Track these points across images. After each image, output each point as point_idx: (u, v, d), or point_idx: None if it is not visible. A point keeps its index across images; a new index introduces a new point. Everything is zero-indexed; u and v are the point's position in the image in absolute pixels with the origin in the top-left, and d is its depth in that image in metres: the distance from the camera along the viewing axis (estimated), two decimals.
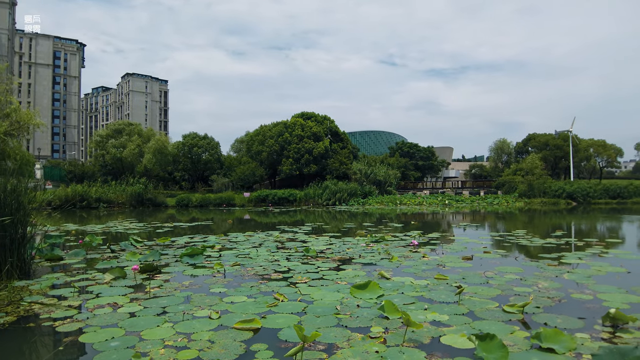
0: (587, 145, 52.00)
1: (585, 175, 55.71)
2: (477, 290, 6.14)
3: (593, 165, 54.63)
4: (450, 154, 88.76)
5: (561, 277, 7.04)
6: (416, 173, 58.01)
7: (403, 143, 64.19)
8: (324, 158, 48.98)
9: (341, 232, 15.16)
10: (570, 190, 38.40)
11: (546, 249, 10.54)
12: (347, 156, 51.17)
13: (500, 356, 3.60)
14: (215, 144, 52.84)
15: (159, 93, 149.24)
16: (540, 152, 49.73)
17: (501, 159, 59.12)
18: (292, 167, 47.63)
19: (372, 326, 4.59)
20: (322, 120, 53.14)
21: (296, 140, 48.00)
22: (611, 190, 38.65)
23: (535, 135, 55.44)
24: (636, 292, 5.97)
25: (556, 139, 51.76)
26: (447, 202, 38.50)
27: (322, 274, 7.47)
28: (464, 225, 19.04)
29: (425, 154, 60.03)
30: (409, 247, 10.79)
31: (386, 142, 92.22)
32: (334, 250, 10.46)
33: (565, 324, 4.65)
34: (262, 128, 52.53)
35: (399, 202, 38.72)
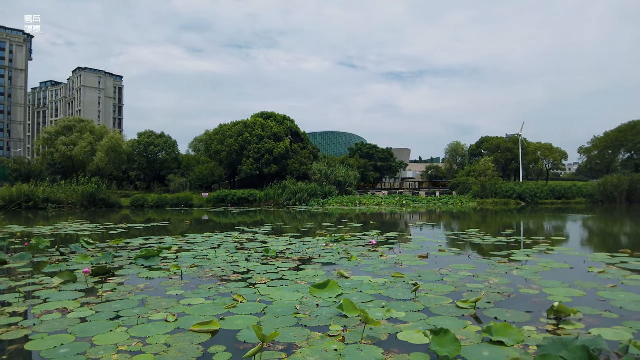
0: (535, 148, 54.80)
1: (533, 177, 58.69)
2: (433, 288, 6.34)
3: (541, 168, 57.63)
4: (408, 155, 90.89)
5: (511, 274, 7.39)
6: (375, 174, 58.96)
7: (362, 144, 65.09)
8: (285, 158, 48.86)
9: (301, 233, 15.19)
10: (519, 191, 40.32)
11: (497, 247, 11.02)
12: (307, 157, 51.28)
13: (453, 350, 3.74)
14: (172, 142, 51.50)
15: (113, 89, 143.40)
16: (492, 155, 51.87)
17: (456, 160, 61.21)
18: (253, 167, 47.19)
19: (332, 325, 4.64)
20: (282, 120, 52.99)
21: (256, 140, 47.60)
22: (556, 191, 40.91)
23: (488, 138, 57.76)
24: (578, 287, 6.37)
25: (507, 142, 54.16)
26: (404, 203, 39.39)
27: (282, 274, 7.46)
28: (421, 224, 19.56)
29: (384, 155, 61.13)
30: (367, 247, 10.97)
31: (346, 143, 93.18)
32: (294, 250, 10.47)
33: (514, 317, 4.89)
34: (222, 127, 51.69)
35: (359, 203, 39.23)
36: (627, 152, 50.84)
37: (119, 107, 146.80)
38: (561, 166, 61.46)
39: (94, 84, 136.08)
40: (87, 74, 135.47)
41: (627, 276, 7.10)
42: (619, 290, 6.11)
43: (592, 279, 6.91)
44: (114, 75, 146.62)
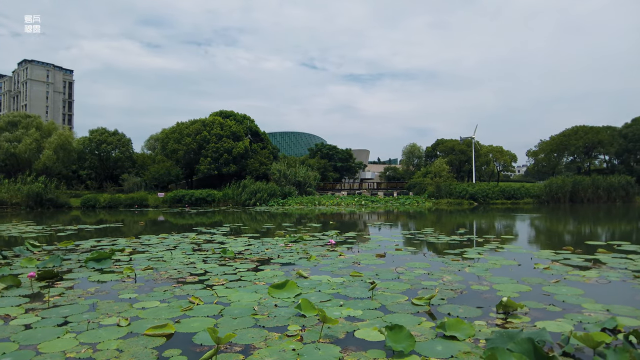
0: (487, 150, 57.08)
1: (485, 178, 61.11)
2: (389, 286, 6.48)
3: (492, 169, 60.11)
4: (367, 156, 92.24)
5: (463, 271, 7.68)
6: (335, 174, 59.40)
7: (322, 145, 65.42)
8: (244, 158, 48.28)
9: (260, 233, 15.08)
10: (472, 191, 41.89)
11: (451, 245, 11.40)
12: (267, 156, 50.92)
13: (408, 346, 3.85)
14: (126, 140, 49.59)
15: (63, 84, 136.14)
16: (447, 157, 53.58)
17: (412, 162, 62.74)
18: (211, 166, 46.29)
19: (290, 325, 4.65)
20: (242, 119, 52.33)
21: (215, 139, 46.75)
22: (506, 191, 42.81)
23: (443, 140, 59.63)
24: (525, 282, 6.71)
25: (461, 144, 56.15)
26: (363, 203, 39.95)
27: (240, 275, 7.39)
28: (379, 224, 19.92)
29: (343, 156, 61.71)
30: (326, 247, 11.05)
31: (306, 144, 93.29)
32: (253, 251, 10.38)
33: (466, 313, 5.08)
34: (179, 125, 50.34)
35: (318, 203, 39.41)
36: (570, 155, 53.97)
37: (69, 103, 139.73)
38: (511, 168, 64.33)
39: (41, 77, 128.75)
40: (34, 67, 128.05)
41: (570, 272, 7.55)
42: (562, 285, 6.49)
43: (538, 275, 7.30)
44: (64, 69, 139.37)
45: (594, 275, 7.23)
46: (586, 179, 41.95)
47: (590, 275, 7.18)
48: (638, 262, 8.38)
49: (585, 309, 5.21)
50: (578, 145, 50.25)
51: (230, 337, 3.81)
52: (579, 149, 50.72)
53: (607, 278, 7.00)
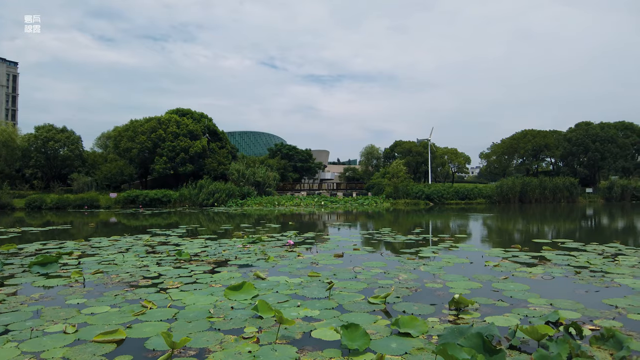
0: (442, 152, 58.90)
1: (441, 179, 63.01)
2: (347, 285, 6.55)
3: (447, 171, 62.09)
4: (327, 157, 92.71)
5: (418, 269, 7.89)
6: (294, 174, 59.31)
7: (282, 145, 65.15)
8: (201, 157, 47.27)
9: (217, 234, 14.83)
10: (428, 192, 43.09)
11: (407, 245, 11.67)
12: (225, 156, 50.10)
13: (363, 344, 3.91)
14: (76, 138, 47.26)
15: (7, 76, 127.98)
16: (404, 158, 54.80)
17: (371, 163, 63.69)
18: (166, 166, 44.98)
19: (246, 327, 4.61)
20: (199, 118, 51.21)
21: (171, 138, 45.48)
22: (460, 192, 44.36)
23: (400, 142, 60.95)
24: (476, 279, 6.98)
25: (418, 146, 57.61)
26: (322, 203, 40.16)
27: (196, 277, 7.24)
28: (338, 224, 20.09)
29: (303, 156, 61.74)
30: (285, 247, 11.02)
31: (266, 144, 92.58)
32: (209, 252, 10.19)
33: (420, 310, 5.22)
34: (133, 123, 48.55)
35: (278, 203, 39.23)
36: (520, 157, 56.61)
37: (13, 97, 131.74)
38: (465, 169, 66.74)
39: None
40: None
41: (517, 269, 7.92)
42: (510, 281, 6.80)
43: (488, 272, 7.62)
44: (7, 61, 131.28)
45: (539, 271, 7.63)
46: (534, 180, 44.18)
47: (536, 272, 7.57)
48: (579, 259, 8.91)
49: (531, 304, 5.49)
50: (527, 148, 52.80)
51: (185, 342, 3.73)
52: (527, 151, 53.29)
53: (552, 274, 7.40)
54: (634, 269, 7.74)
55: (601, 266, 8.08)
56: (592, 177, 51.87)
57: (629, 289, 6.29)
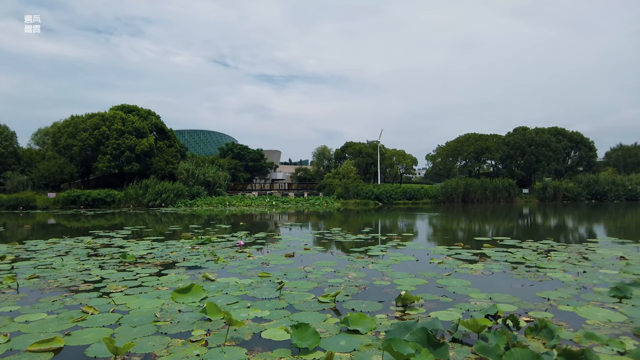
0: (391, 154, 60.39)
1: (389, 180, 64.62)
2: (297, 285, 6.58)
3: (396, 172, 63.73)
4: (279, 157, 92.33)
5: (367, 268, 8.06)
6: (246, 174, 58.58)
7: (233, 144, 64.15)
8: (148, 156, 45.51)
9: (165, 236, 14.37)
10: (377, 192, 44.06)
11: (357, 243, 11.89)
12: (174, 155, 48.54)
13: (313, 342, 3.96)
14: (10, 134, 43.98)
15: None
16: (355, 159, 55.72)
17: (323, 163, 64.19)
18: (111, 164, 42.88)
19: (194, 330, 4.52)
20: (146, 115, 49.28)
21: (116, 135, 43.43)
22: (408, 192, 45.73)
23: (351, 143, 61.90)
24: (421, 276, 7.24)
25: (368, 147, 58.75)
26: (274, 203, 39.95)
27: (141, 280, 6.99)
28: (289, 224, 20.08)
29: (255, 156, 61.12)
30: (235, 248, 10.88)
31: (216, 143, 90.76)
32: (156, 254, 9.87)
33: (368, 307, 5.35)
34: (74, 119, 45.83)
35: (228, 204, 38.57)
36: (463, 159, 59.17)
37: None
38: (412, 171, 68.77)
39: None
40: None
41: (460, 265, 8.30)
42: (453, 278, 7.11)
43: (433, 269, 7.92)
44: None
45: (480, 267, 8.04)
46: (476, 181, 46.35)
47: (477, 268, 7.97)
48: (516, 255, 9.47)
49: (472, 298, 5.77)
50: (469, 151, 55.32)
51: (129, 347, 3.60)
52: (470, 154, 55.84)
53: (491, 270, 7.82)
54: (564, 264, 8.34)
55: (535, 262, 8.64)
56: (528, 178, 55.21)
57: (559, 282, 6.78)
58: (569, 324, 4.69)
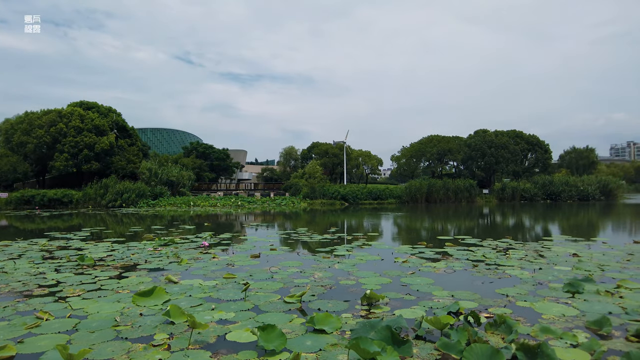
0: (357, 155, 60.97)
1: (355, 180, 65.23)
2: (263, 286, 6.53)
3: (361, 172, 64.39)
4: (245, 156, 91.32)
5: (333, 267, 8.10)
6: (211, 174, 57.59)
7: (198, 144, 62.93)
8: (109, 155, 43.93)
9: (126, 237, 13.92)
10: (343, 192, 44.39)
11: (323, 243, 11.93)
12: (136, 154, 47.09)
13: (279, 344, 3.94)
14: None
15: None
16: (321, 159, 55.92)
17: (289, 163, 64.06)
18: (68, 163, 41.09)
19: (156, 333, 4.40)
20: (107, 112, 47.55)
21: (73, 133, 41.66)
22: (373, 193, 46.32)
23: (318, 144, 62.08)
24: (386, 275, 7.34)
25: (334, 148, 59.10)
26: (240, 204, 39.49)
27: (101, 284, 6.74)
28: (255, 225, 19.90)
29: (220, 155, 60.20)
30: (199, 249, 10.68)
31: (180, 142, 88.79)
32: (116, 257, 9.55)
33: (334, 307, 5.37)
34: (29, 115, 43.62)
35: (193, 204, 37.83)
36: (427, 160, 60.51)
37: None
38: (378, 171, 69.73)
39: None
40: None
41: (423, 264, 8.47)
42: (417, 276, 7.25)
43: (397, 268, 8.06)
44: None
45: (442, 266, 8.24)
46: (439, 182, 47.50)
47: (439, 266, 8.16)
48: (477, 253, 9.77)
49: (435, 296, 5.91)
50: (433, 152, 56.63)
51: (85, 353, 3.47)
52: (433, 155, 57.16)
53: (453, 268, 8.04)
54: (522, 262, 8.68)
55: (495, 259, 8.94)
56: (488, 179, 57.08)
57: (517, 279, 7.04)
58: (526, 319, 4.88)
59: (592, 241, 12.27)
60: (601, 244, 11.62)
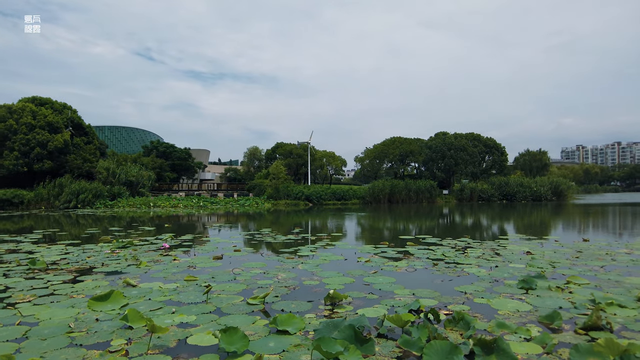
0: (321, 155, 61.28)
1: (319, 181, 65.49)
2: (225, 287, 6.44)
3: (325, 173, 64.76)
4: (207, 156, 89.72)
5: (297, 268, 8.10)
6: (172, 174, 56.27)
7: (159, 143, 61.30)
8: (63, 153, 42.02)
9: (82, 239, 13.37)
10: (307, 193, 44.48)
11: (287, 244, 11.90)
12: (92, 153, 45.28)
13: (242, 346, 3.90)
14: None
15: None
16: (285, 159, 55.80)
17: (253, 164, 63.57)
18: (19, 162, 38.97)
19: (113, 339, 4.25)
20: (61, 109, 45.45)
21: (25, 130, 39.57)
22: (337, 193, 46.69)
23: (282, 144, 61.89)
24: (349, 275, 7.41)
25: (298, 148, 59.10)
26: (202, 204, 38.77)
27: (54, 288, 6.44)
28: (218, 226, 19.60)
29: (182, 155, 58.91)
30: (160, 251, 10.41)
31: (140, 141, 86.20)
32: (71, 260, 9.15)
33: (297, 307, 5.37)
34: None
35: (153, 205, 36.80)
36: (389, 162, 61.58)
37: None
38: (342, 172, 70.37)
39: None
40: None
41: (385, 263, 8.62)
42: (379, 275, 7.37)
43: (360, 267, 8.15)
44: None
45: (404, 265, 8.41)
46: (401, 183, 48.45)
47: (401, 265, 8.32)
48: (437, 252, 10.04)
49: (397, 295, 6.02)
50: (395, 154, 57.70)
51: None
52: (395, 156, 58.24)
53: (414, 267, 8.21)
54: (479, 260, 8.99)
55: (454, 258, 9.22)
56: (448, 180, 58.73)
57: (475, 276, 7.29)
58: (483, 315, 5.06)
59: (545, 239, 12.87)
60: (553, 242, 12.21)
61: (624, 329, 4.57)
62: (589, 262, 8.61)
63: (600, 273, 7.50)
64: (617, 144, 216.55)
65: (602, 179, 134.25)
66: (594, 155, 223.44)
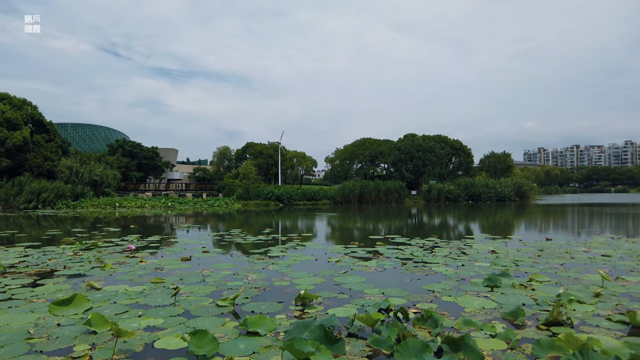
0: (292, 155, 61.15)
1: (290, 181, 65.33)
2: (194, 290, 6.33)
3: (296, 173, 64.65)
4: (175, 155, 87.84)
5: (267, 269, 8.05)
6: (138, 174, 54.78)
7: (125, 141, 59.53)
8: (23, 151, 40.20)
9: (42, 241, 12.83)
10: (278, 193, 44.29)
11: (257, 245, 11.81)
12: (54, 151, 43.53)
13: (211, 349, 3.84)
14: None
15: None
16: (256, 160, 55.38)
17: (223, 163, 62.72)
18: None
19: (76, 344, 4.10)
20: (20, 104, 43.48)
21: None
22: (308, 193, 46.73)
23: (252, 144, 61.38)
24: (320, 275, 7.43)
25: (269, 148, 58.79)
26: (170, 204, 37.96)
27: (12, 293, 6.16)
28: (187, 227, 19.24)
29: (149, 154, 57.45)
30: (125, 253, 10.12)
31: (105, 139, 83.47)
32: (30, 263, 8.77)
33: (268, 308, 5.34)
34: None
35: (119, 205, 35.74)
36: (359, 162, 62.15)
37: None
38: (312, 172, 70.44)
39: None
40: None
41: (355, 263, 8.69)
42: (349, 275, 7.42)
43: (330, 267, 8.19)
44: None
45: (373, 264, 8.50)
46: (371, 183, 48.97)
47: (370, 265, 8.41)
48: (405, 252, 10.20)
49: (367, 294, 6.08)
50: (365, 155, 58.29)
51: None
52: (366, 157, 58.83)
53: (383, 266, 8.32)
54: (446, 259, 9.19)
55: (422, 257, 9.39)
56: (416, 181, 59.76)
57: (442, 275, 7.45)
58: (450, 313, 5.18)
59: (508, 239, 13.30)
60: (517, 241, 12.63)
61: (582, 323, 4.78)
62: (549, 260, 8.96)
63: (560, 270, 7.82)
64: (576, 147, 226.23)
65: (562, 181, 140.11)
66: (554, 158, 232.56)
